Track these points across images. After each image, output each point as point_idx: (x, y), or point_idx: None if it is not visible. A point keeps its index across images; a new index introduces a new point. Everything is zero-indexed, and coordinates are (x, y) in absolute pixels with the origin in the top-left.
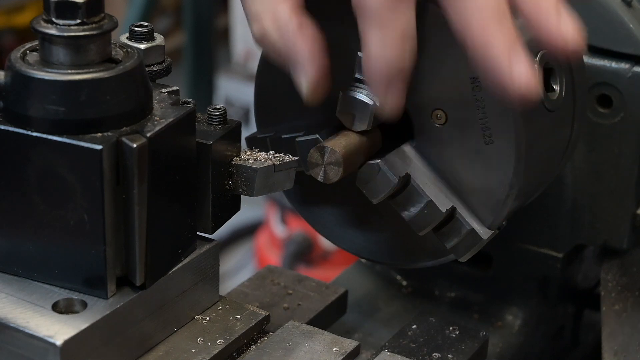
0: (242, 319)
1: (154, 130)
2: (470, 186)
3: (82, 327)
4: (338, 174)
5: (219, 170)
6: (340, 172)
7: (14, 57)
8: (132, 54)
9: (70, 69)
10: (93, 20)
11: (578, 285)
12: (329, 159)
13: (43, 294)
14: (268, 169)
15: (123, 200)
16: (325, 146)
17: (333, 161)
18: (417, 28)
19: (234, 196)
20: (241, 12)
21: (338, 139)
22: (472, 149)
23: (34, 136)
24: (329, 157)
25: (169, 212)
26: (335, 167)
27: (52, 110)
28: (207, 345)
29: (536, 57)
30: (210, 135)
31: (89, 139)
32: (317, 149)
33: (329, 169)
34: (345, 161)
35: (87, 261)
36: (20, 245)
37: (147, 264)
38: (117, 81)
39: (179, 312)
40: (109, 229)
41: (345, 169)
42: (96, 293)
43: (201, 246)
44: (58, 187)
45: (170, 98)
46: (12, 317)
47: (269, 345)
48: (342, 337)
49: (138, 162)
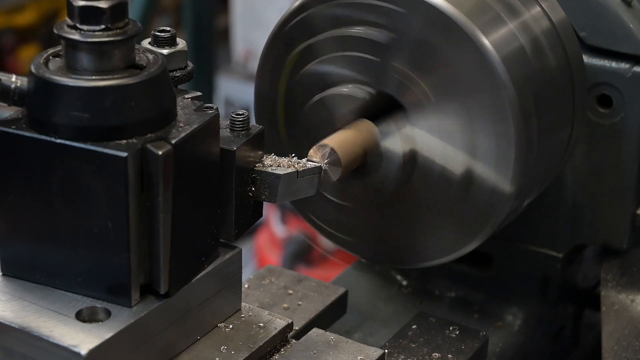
0: (265, 326)
1: (178, 137)
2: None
3: (107, 336)
4: (338, 174)
5: (242, 176)
6: (340, 171)
7: (36, 62)
8: (156, 59)
9: (95, 75)
10: (117, 25)
11: (578, 285)
12: (329, 158)
13: (66, 302)
14: (291, 175)
15: (147, 207)
16: (325, 145)
17: (333, 160)
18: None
19: (256, 203)
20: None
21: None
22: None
23: (58, 143)
24: (329, 156)
25: (193, 220)
26: (336, 167)
27: (76, 116)
28: (230, 354)
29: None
30: (234, 141)
31: (114, 145)
32: (316, 148)
33: (329, 168)
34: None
35: (111, 269)
36: (43, 253)
37: (171, 271)
38: (141, 87)
39: (202, 320)
40: (133, 237)
41: (345, 168)
42: (120, 301)
43: (224, 253)
44: (82, 194)
45: (194, 104)
46: (36, 326)
47: (293, 354)
48: (366, 345)
49: (163, 169)
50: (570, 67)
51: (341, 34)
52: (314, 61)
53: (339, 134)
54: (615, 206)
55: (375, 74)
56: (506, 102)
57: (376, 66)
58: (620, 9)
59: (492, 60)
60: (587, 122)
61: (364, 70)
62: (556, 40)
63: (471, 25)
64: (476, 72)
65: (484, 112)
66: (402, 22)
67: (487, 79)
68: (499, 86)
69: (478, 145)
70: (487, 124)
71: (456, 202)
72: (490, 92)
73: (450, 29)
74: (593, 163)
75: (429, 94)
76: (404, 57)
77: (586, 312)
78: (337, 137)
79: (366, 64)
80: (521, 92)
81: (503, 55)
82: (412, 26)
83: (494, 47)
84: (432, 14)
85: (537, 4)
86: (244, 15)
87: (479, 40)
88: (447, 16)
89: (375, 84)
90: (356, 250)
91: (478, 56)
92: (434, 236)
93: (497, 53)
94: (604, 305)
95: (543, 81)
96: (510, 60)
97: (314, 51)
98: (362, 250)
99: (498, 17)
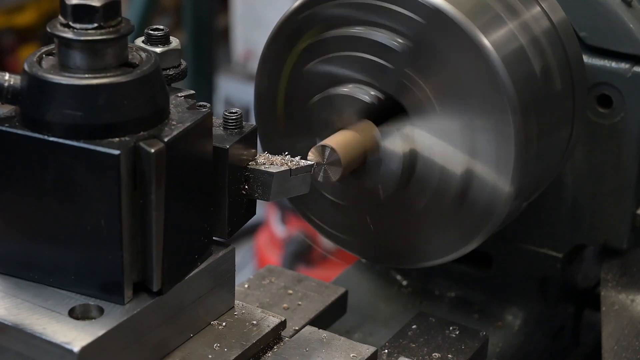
0: (258, 324)
1: (171, 134)
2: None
3: (100, 333)
4: (338, 174)
5: (235, 174)
6: (340, 171)
7: (30, 61)
8: (149, 58)
9: (88, 73)
10: (110, 24)
11: (578, 285)
12: (329, 158)
13: (59, 300)
14: (284, 174)
15: (140, 205)
16: (325, 145)
17: (333, 160)
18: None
19: (250, 201)
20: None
21: (336, 137)
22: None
23: (51, 141)
24: (329, 156)
25: (185, 217)
26: (336, 167)
27: (69, 114)
28: (223, 351)
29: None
30: (227, 139)
31: (106, 143)
32: (316, 149)
33: (329, 169)
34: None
35: (104, 267)
36: (36, 251)
37: (164, 269)
38: (134, 85)
39: (195, 318)
40: (126, 234)
41: (346, 168)
42: (113, 299)
43: (217, 251)
44: (75, 192)
45: (187, 102)
46: (29, 323)
47: (286, 351)
48: (359, 342)
49: (156, 167)
50: (570, 67)
51: (341, 34)
52: (313, 61)
53: (339, 135)
54: (615, 206)
55: (376, 74)
56: (506, 102)
57: (376, 66)
58: (620, 9)
59: (492, 60)
60: (587, 122)
61: (364, 70)
62: (556, 40)
63: (471, 25)
64: (476, 72)
65: (484, 112)
66: (402, 22)
67: (487, 79)
68: (499, 86)
69: (478, 146)
70: (487, 124)
71: (456, 203)
72: (490, 92)
73: (450, 29)
74: (593, 163)
75: (429, 94)
76: (404, 57)
77: (586, 312)
78: (337, 138)
79: (366, 64)
80: (521, 92)
81: (503, 55)
82: (413, 26)
83: (494, 47)
84: (432, 14)
85: (537, 4)
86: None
87: (479, 40)
88: (447, 16)
89: (376, 84)
90: (356, 250)
91: (478, 56)
92: (433, 236)
93: (497, 53)
94: (604, 305)
95: (543, 81)
96: (510, 60)
97: (314, 51)
98: (362, 250)
99: (498, 17)
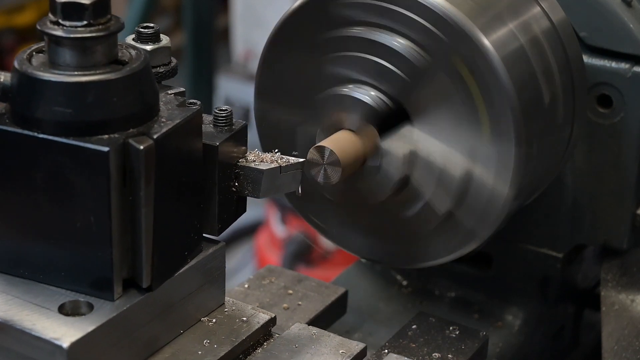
0: (248, 320)
1: (160, 131)
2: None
3: (89, 329)
4: (338, 175)
5: (225, 171)
6: (339, 172)
7: (20, 58)
8: (139, 55)
9: (77, 70)
10: (100, 21)
11: (578, 285)
12: (329, 158)
13: (49, 296)
14: (274, 171)
15: (129, 202)
16: (325, 146)
17: (333, 161)
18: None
19: (240, 198)
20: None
21: (335, 137)
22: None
23: (41, 138)
24: (329, 157)
25: (175, 214)
26: (335, 168)
27: (58, 111)
28: (213, 348)
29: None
30: (217, 136)
31: (96, 140)
32: (316, 149)
33: (328, 169)
34: (345, 161)
35: (94, 263)
36: (26, 247)
37: (154, 266)
38: (123, 83)
39: (185, 314)
40: (115, 231)
41: (345, 169)
42: (102, 295)
43: (207, 248)
44: (64, 189)
45: (177, 99)
46: (19, 319)
47: (276, 347)
48: (348, 339)
49: (145, 164)
50: (570, 67)
51: (342, 34)
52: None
53: (339, 135)
54: (616, 206)
55: (376, 75)
56: (506, 102)
57: (376, 66)
58: (620, 9)
59: (492, 60)
60: (587, 122)
61: (365, 70)
62: (556, 40)
63: (471, 25)
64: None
65: (484, 112)
66: (402, 22)
67: (487, 79)
68: (499, 86)
69: (478, 146)
70: (486, 125)
71: (456, 203)
72: (490, 92)
73: (450, 29)
74: (593, 163)
75: (429, 94)
76: (405, 57)
77: (586, 312)
78: (336, 138)
79: (366, 64)
80: (521, 92)
81: (503, 55)
82: (413, 26)
83: (494, 47)
84: (431, 14)
85: (537, 4)
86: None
87: (479, 40)
88: (447, 16)
89: (376, 84)
90: (356, 250)
91: (478, 56)
92: (433, 237)
93: (497, 53)
94: (604, 305)
95: (543, 81)
96: (510, 60)
97: (314, 51)
98: (362, 250)
99: (498, 17)
